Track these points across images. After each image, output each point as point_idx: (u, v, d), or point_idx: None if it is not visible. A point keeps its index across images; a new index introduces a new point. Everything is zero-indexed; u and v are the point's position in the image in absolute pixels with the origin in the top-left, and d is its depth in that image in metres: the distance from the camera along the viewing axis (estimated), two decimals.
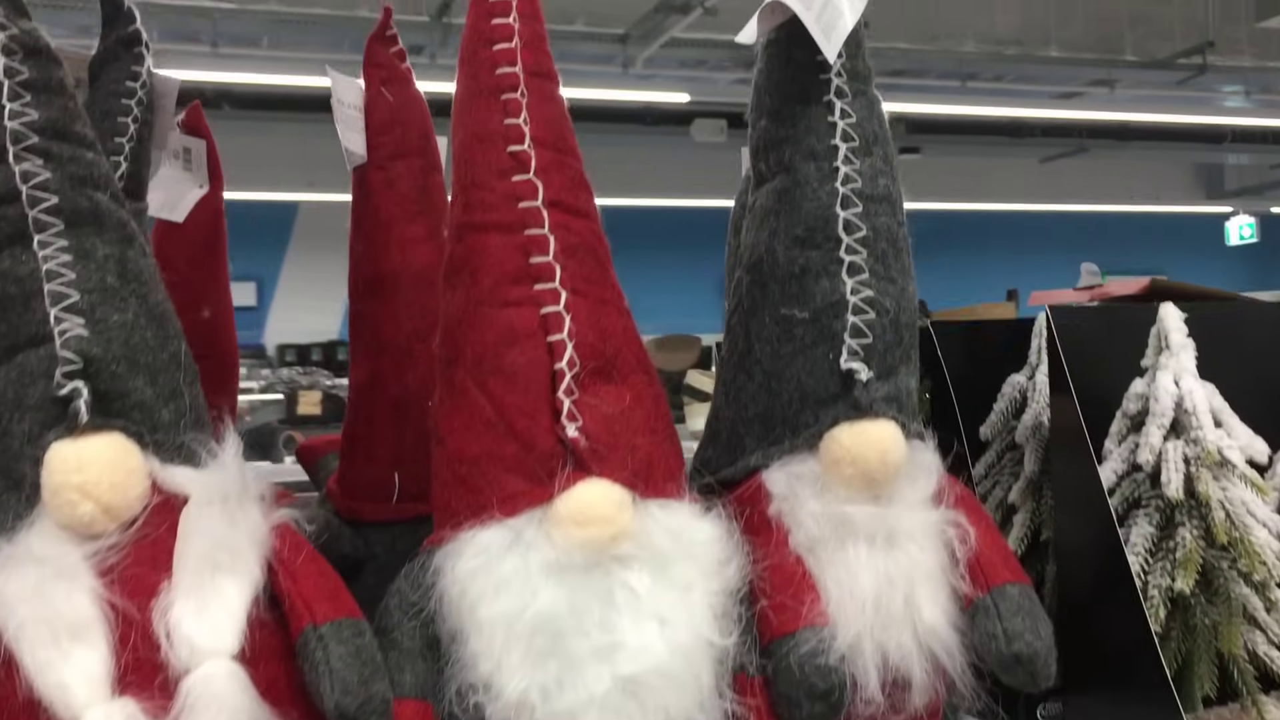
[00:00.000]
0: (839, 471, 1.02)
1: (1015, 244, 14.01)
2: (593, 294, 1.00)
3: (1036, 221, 13.86)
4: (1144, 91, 11.76)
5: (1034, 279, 2.70)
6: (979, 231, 14.08)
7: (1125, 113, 11.73)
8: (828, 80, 1.06)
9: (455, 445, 0.98)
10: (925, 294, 5.62)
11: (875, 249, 1.05)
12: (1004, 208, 13.48)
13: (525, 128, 1.00)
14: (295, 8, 8.87)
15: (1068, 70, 10.97)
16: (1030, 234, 13.97)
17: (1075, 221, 13.85)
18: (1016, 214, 13.68)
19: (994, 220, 13.89)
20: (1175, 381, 1.25)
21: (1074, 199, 13.32)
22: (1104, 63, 10.73)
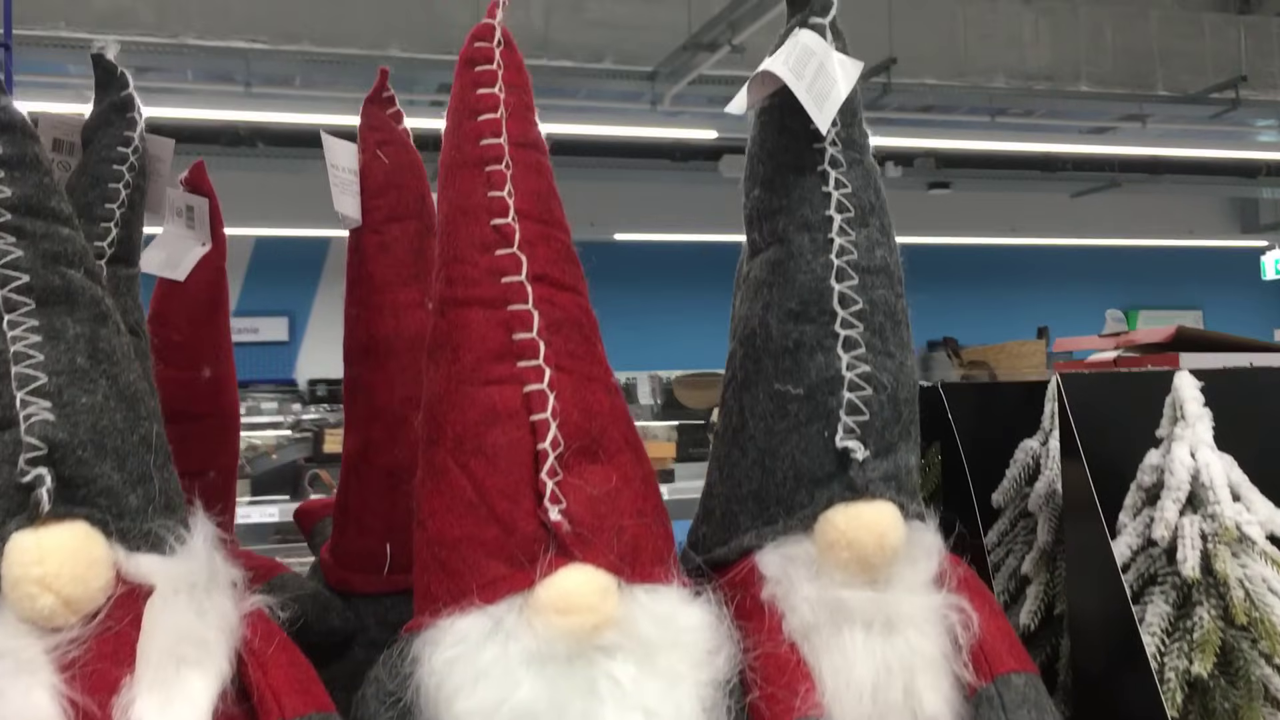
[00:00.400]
0: (834, 555, 0.98)
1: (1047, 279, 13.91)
2: (578, 370, 0.97)
3: (1068, 257, 13.77)
4: (1177, 126, 11.66)
5: (1066, 314, 2.66)
6: (1010, 267, 13.99)
7: (1158, 147, 11.64)
8: (822, 149, 1.03)
9: (435, 528, 0.95)
10: (956, 330, 5.68)
11: (872, 323, 1.02)
12: (1035, 242, 13.39)
13: (509, 200, 0.97)
14: (327, 48, 8.96)
15: (1099, 105, 10.90)
16: (1062, 269, 13.86)
17: (1107, 256, 13.75)
18: (1048, 249, 13.58)
19: (1025, 255, 13.80)
20: (1191, 453, 1.20)
21: (1106, 234, 13.22)
22: (1135, 97, 10.65)
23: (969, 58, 10.29)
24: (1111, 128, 11.87)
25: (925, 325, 13.84)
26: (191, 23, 8.70)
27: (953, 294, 14.12)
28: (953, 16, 10.25)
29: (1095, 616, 1.20)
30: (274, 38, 8.80)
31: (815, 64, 0.98)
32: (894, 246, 1.05)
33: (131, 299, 1.23)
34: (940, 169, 12.63)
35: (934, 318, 14.17)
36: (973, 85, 10.31)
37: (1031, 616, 1.36)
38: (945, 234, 13.21)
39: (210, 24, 8.70)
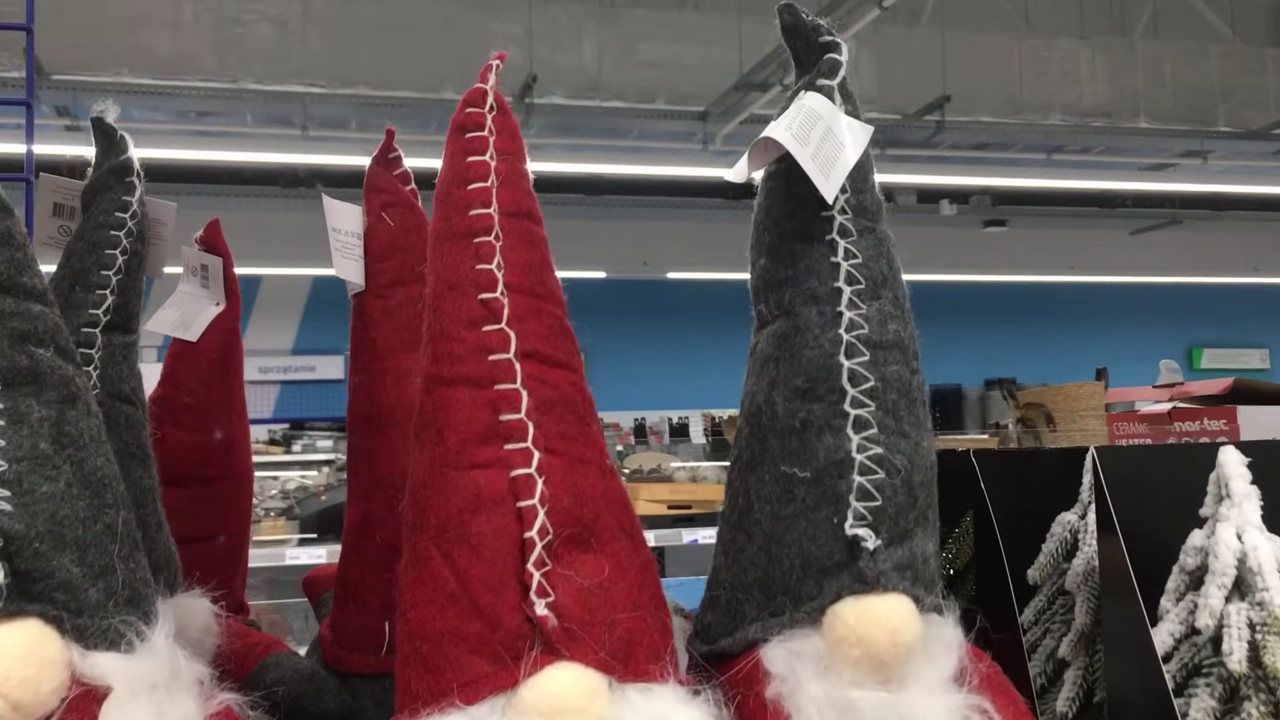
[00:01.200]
0: (844, 652, 0.92)
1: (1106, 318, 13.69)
2: (570, 453, 0.92)
3: (1128, 295, 13.54)
4: (1239, 162, 11.45)
5: (1127, 354, 2.57)
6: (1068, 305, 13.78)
7: (1219, 184, 11.43)
8: (830, 218, 0.97)
9: (417, 620, 0.90)
10: (1013, 369, 5.57)
11: (884, 401, 0.96)
12: (1094, 280, 13.19)
13: (498, 273, 0.93)
14: (382, 91, 9.08)
15: (1158, 141, 10.75)
16: (1122, 308, 13.64)
17: (1169, 295, 13.50)
18: (1107, 287, 13.38)
19: (1084, 293, 13.60)
20: (1238, 535, 1.12)
21: (1167, 271, 12.99)
22: (1196, 133, 10.48)
23: (1025, 94, 10.20)
24: (1171, 164, 11.69)
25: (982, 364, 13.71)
26: (251, 68, 8.85)
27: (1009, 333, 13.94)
28: (1008, 53, 10.16)
29: (1135, 708, 1.12)
30: (330, 82, 8.93)
31: (822, 128, 0.93)
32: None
33: (128, 367, 1.20)
34: (996, 206, 12.51)
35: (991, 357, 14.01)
36: (1029, 122, 10.21)
37: (1069, 704, 1.28)
38: (1002, 272, 13.05)
39: (269, 69, 8.85)
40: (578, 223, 12.07)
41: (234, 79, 8.92)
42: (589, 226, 11.85)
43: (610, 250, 12.02)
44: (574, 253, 13.45)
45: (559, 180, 11.13)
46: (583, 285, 13.13)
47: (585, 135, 10.54)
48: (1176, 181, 11.56)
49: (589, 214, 11.72)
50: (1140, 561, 1.15)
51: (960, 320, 14.05)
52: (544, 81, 9.20)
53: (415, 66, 9.05)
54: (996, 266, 13.05)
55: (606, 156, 10.48)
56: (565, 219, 12.36)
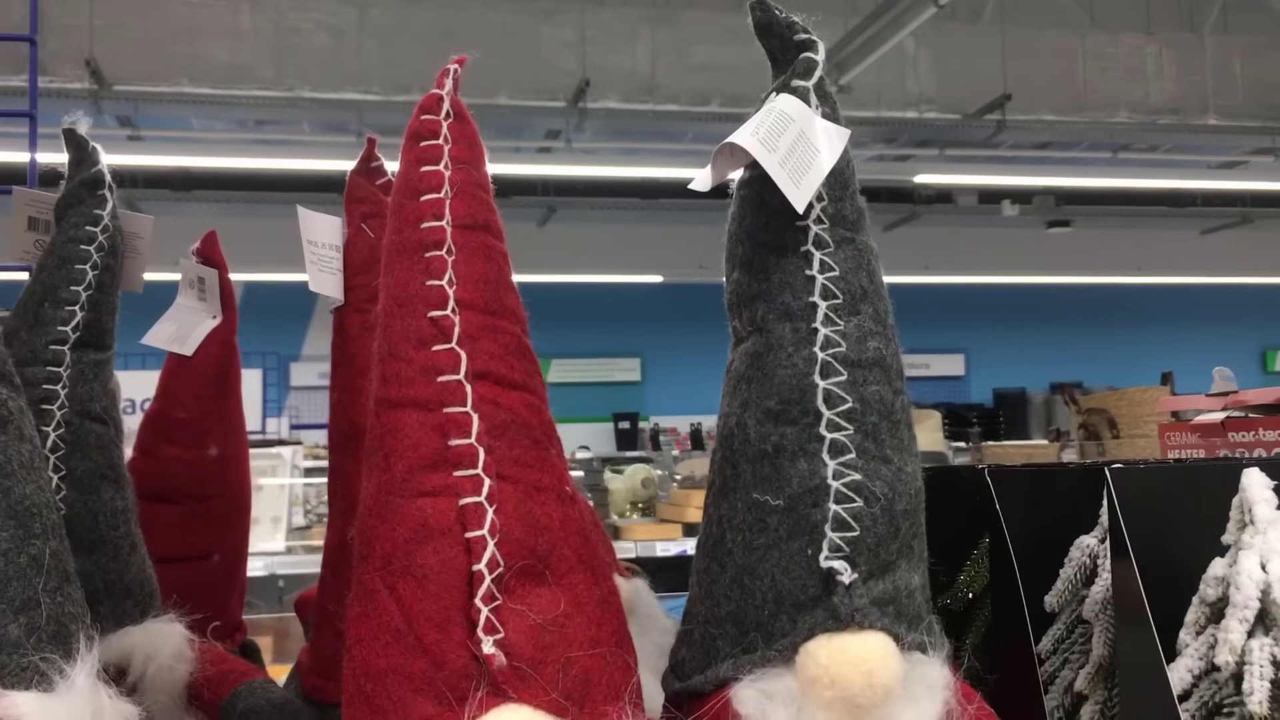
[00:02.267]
0: (817, 694, 0.85)
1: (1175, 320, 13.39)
2: (524, 480, 0.87)
3: (1197, 296, 13.22)
4: None
5: (1197, 357, 2.48)
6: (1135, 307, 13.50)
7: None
8: (805, 228, 0.90)
9: (361, 657, 0.85)
10: (1078, 373, 5.42)
11: (863, 424, 0.89)
12: (1162, 281, 12.89)
13: (449, 289, 0.88)
14: None
15: (1228, 139, 10.49)
16: (1191, 310, 13.32)
17: (1239, 295, 13.17)
18: (1175, 288, 13.06)
19: (1152, 295, 13.30)
20: (1262, 565, 1.04)
21: (1238, 272, 12.66)
22: (1267, 130, 10.20)
23: (1088, 92, 9.99)
24: (1242, 162, 11.40)
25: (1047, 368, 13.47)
26: (307, 76, 8.94)
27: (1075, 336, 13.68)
28: (1071, 50, 9.97)
29: None
30: (386, 89, 9.00)
31: (793, 133, 0.87)
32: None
33: (99, 385, 1.17)
34: (1060, 207, 12.28)
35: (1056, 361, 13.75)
36: (1093, 121, 10.01)
37: None
38: (1066, 273, 12.81)
39: (325, 77, 8.94)
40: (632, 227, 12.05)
41: (291, 87, 9.02)
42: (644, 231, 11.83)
43: (666, 254, 11.98)
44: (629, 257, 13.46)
45: (613, 185, 11.11)
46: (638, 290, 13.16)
47: (639, 139, 10.51)
48: (1247, 179, 11.28)
49: (644, 218, 11.69)
50: (1159, 591, 1.07)
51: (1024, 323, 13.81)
52: (597, 86, 9.18)
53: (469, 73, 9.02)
54: (1061, 268, 12.82)
55: (661, 160, 10.44)
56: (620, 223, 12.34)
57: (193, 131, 9.99)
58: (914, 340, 7.40)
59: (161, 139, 9.72)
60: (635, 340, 13.45)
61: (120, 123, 9.09)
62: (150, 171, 10.13)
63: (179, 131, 9.87)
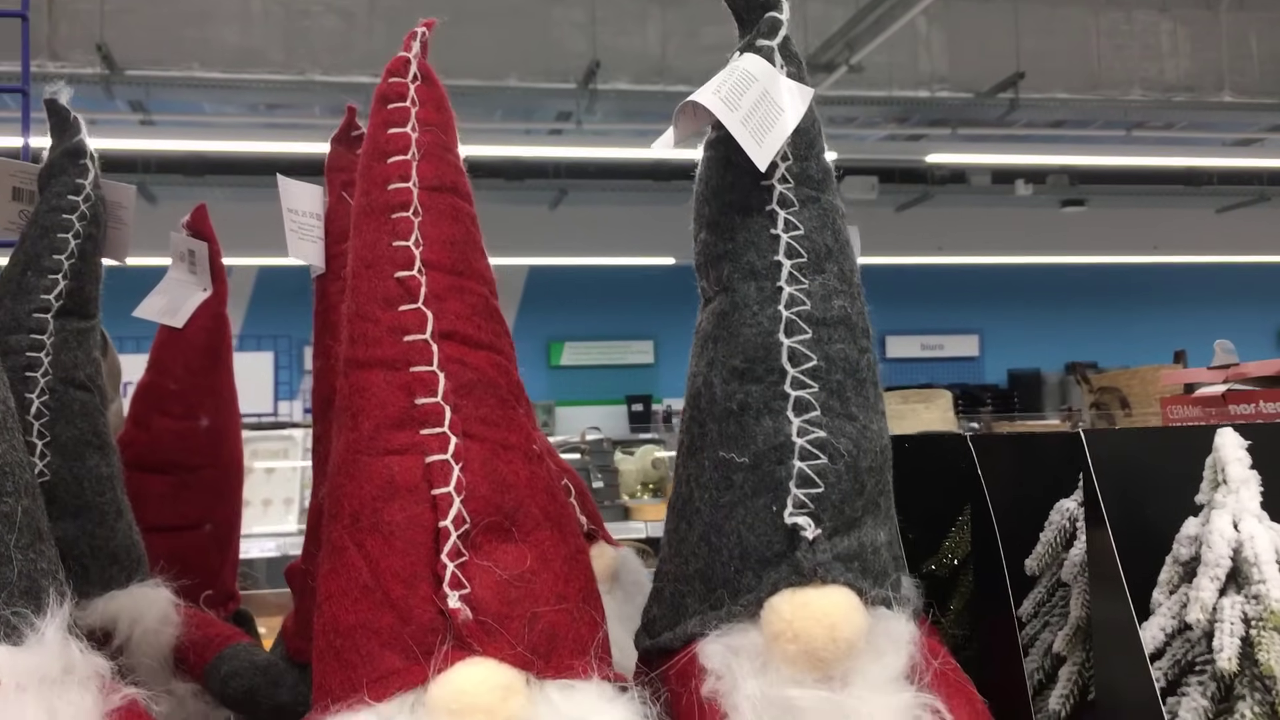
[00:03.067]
0: (781, 648, 0.86)
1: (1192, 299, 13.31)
2: (491, 438, 0.88)
3: (1214, 275, 13.13)
4: None
5: (1212, 335, 2.47)
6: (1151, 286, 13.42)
7: None
8: (769, 188, 0.91)
9: (331, 612, 0.86)
10: (1095, 354, 5.42)
11: (828, 382, 0.89)
12: (1178, 260, 12.81)
13: (416, 250, 0.88)
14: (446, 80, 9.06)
15: (1245, 116, 10.39)
16: (1208, 289, 13.23)
17: (1257, 274, 13.07)
18: (1192, 267, 12.98)
19: (1168, 274, 13.22)
20: (1234, 524, 1.04)
21: (1255, 250, 12.56)
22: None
23: (1103, 69, 9.91)
24: (1258, 139, 11.30)
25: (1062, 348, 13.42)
26: (318, 59, 8.94)
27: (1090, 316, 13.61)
28: (1084, 27, 9.88)
29: (1124, 708, 1.05)
30: None
31: (756, 91, 0.87)
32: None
33: (83, 353, 1.18)
34: (1074, 186, 12.20)
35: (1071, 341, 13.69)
36: (1107, 99, 9.92)
37: (1063, 702, 1.21)
38: (1080, 253, 12.74)
39: (335, 60, 8.93)
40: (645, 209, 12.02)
41: (302, 71, 9.02)
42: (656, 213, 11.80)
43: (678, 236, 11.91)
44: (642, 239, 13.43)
45: (625, 167, 11.09)
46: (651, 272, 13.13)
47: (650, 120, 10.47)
48: (1264, 157, 11.18)
49: (656, 199, 11.67)
50: (1134, 552, 1.08)
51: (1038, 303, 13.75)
52: (607, 67, 9.16)
53: (479, 55, 9.06)
54: (1075, 248, 12.75)
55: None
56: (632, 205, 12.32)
57: (204, 116, 10.01)
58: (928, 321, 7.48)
59: (173, 123, 9.75)
60: (648, 322, 13.44)
61: (132, 107, 9.12)
62: (163, 156, 10.16)
63: (191, 116, 9.89)
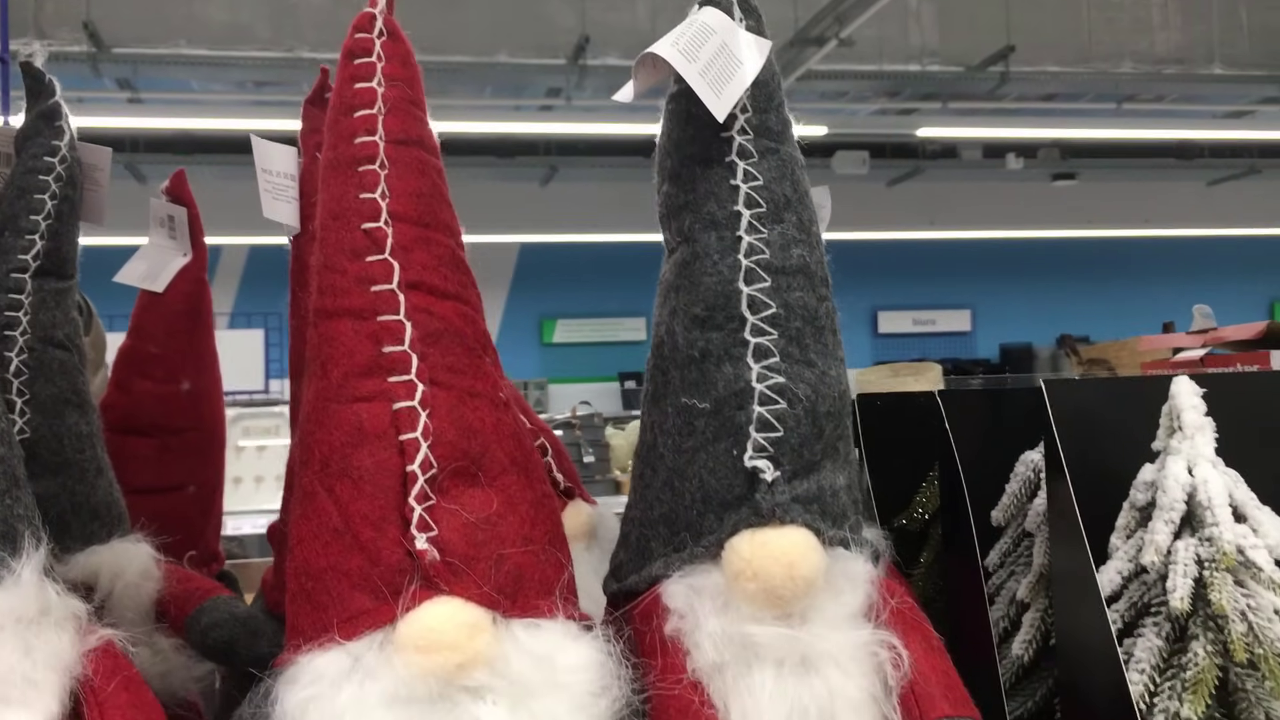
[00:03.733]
0: (741, 587, 0.88)
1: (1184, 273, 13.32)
2: (458, 386, 0.90)
3: (1205, 248, 13.14)
4: None
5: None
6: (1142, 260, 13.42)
7: None
8: (729, 139, 0.93)
9: (302, 556, 0.89)
10: (1086, 327, 5.45)
11: (788, 329, 0.92)
12: (1169, 234, 12.81)
13: (382, 202, 0.90)
14: (435, 56, 9.07)
15: (1235, 88, 10.39)
16: (1199, 262, 13.25)
17: (1248, 247, 13.09)
18: (1183, 240, 12.99)
19: (1158, 247, 13.22)
20: (1189, 469, 1.07)
21: (1246, 223, 12.58)
22: (1275, 79, 10.10)
23: (1093, 43, 9.89)
24: (1249, 111, 11.30)
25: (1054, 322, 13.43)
26: (304, 36, 8.91)
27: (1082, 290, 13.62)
28: (1074, 0, 9.86)
29: (1082, 651, 1.08)
30: None
31: (715, 44, 0.89)
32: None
33: (61, 313, 1.20)
34: (1065, 159, 12.20)
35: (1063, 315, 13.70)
36: (1098, 72, 9.91)
37: (1026, 647, 1.23)
38: (1072, 227, 12.74)
39: (323, 37, 8.89)
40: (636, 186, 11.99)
41: (290, 48, 8.98)
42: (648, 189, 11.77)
43: None
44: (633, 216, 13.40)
45: (616, 143, 11.07)
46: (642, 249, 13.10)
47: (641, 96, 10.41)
48: (1254, 129, 11.18)
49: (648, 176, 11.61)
50: (1093, 499, 1.10)
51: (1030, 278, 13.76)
52: (597, 42, 9.12)
53: (469, 31, 9.03)
54: (1067, 221, 12.75)
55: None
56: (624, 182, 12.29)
57: (192, 94, 9.97)
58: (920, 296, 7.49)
59: (161, 101, 9.71)
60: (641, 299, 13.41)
61: (120, 85, 9.08)
62: (152, 135, 10.12)
63: (179, 94, 9.85)
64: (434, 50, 9.00)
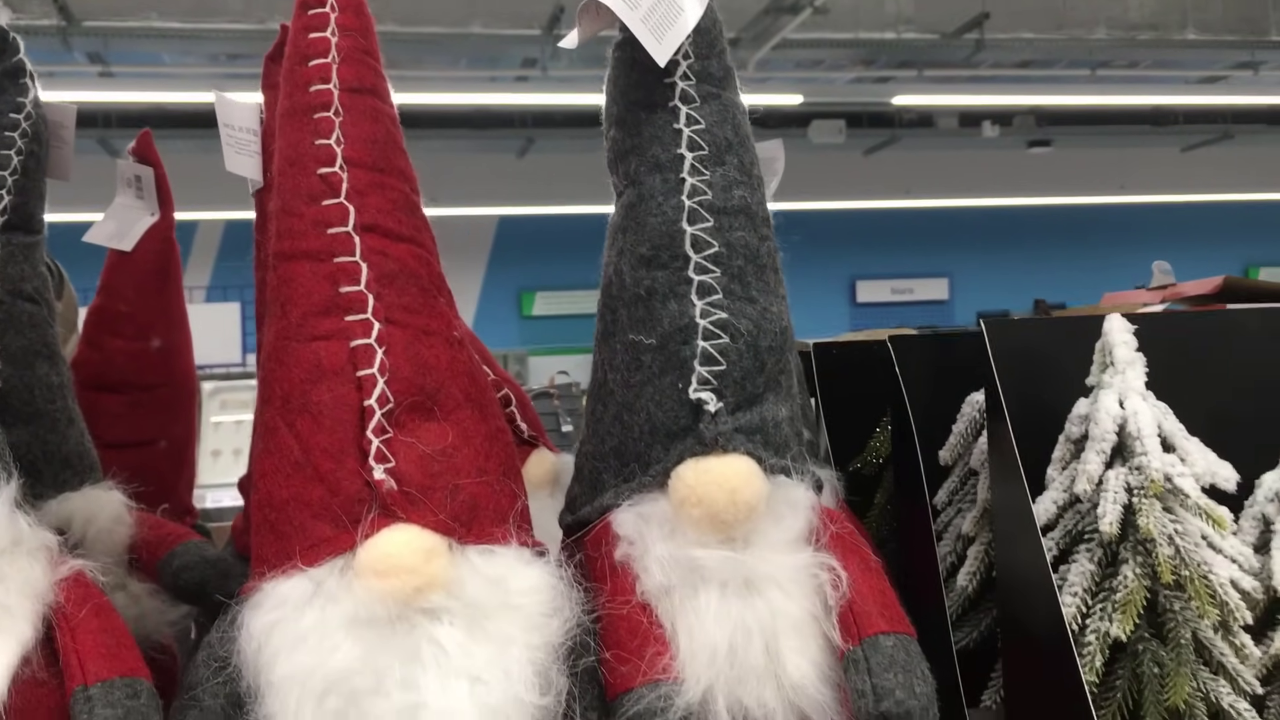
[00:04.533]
0: (686, 513, 0.93)
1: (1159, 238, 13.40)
2: (413, 324, 0.93)
3: (1180, 214, 13.22)
4: None
5: (1180, 274, 2.53)
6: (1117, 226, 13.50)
7: (1273, 95, 11.10)
8: (672, 84, 0.97)
9: (265, 489, 0.93)
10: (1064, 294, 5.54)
11: (730, 267, 0.96)
12: (1144, 200, 12.89)
13: (337, 148, 0.94)
14: (410, 27, 9.04)
15: (1208, 54, 10.44)
16: (1174, 227, 13.33)
17: (1222, 212, 13.18)
18: (1157, 206, 13.06)
19: (1133, 214, 13.30)
20: (1120, 402, 1.11)
21: (1221, 189, 12.66)
22: (1248, 44, 10.16)
23: (1067, 9, 9.92)
24: (1223, 77, 11.35)
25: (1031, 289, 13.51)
26: (276, 7, 8.84)
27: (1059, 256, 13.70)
28: None
29: (1018, 579, 1.12)
30: None
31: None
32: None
33: (30, 266, 1.22)
34: (1041, 127, 12.25)
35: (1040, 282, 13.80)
36: (1072, 38, 9.95)
37: (970, 578, 1.28)
38: (1048, 194, 12.81)
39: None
40: None
41: (261, 20, 8.92)
42: None
43: None
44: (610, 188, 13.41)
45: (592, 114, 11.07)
46: None
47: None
48: (1228, 95, 11.24)
49: None
50: (1032, 435, 1.14)
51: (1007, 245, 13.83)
52: (571, 12, 9.09)
53: (443, 2, 9.00)
54: (1043, 189, 12.82)
55: None
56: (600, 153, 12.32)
57: (164, 67, 9.91)
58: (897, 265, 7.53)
59: (133, 75, 9.65)
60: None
61: (90, 59, 9.02)
62: (124, 110, 10.05)
63: (150, 67, 9.79)
64: (408, 21, 8.97)
